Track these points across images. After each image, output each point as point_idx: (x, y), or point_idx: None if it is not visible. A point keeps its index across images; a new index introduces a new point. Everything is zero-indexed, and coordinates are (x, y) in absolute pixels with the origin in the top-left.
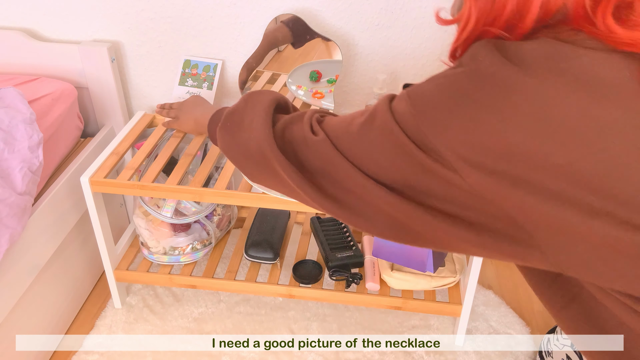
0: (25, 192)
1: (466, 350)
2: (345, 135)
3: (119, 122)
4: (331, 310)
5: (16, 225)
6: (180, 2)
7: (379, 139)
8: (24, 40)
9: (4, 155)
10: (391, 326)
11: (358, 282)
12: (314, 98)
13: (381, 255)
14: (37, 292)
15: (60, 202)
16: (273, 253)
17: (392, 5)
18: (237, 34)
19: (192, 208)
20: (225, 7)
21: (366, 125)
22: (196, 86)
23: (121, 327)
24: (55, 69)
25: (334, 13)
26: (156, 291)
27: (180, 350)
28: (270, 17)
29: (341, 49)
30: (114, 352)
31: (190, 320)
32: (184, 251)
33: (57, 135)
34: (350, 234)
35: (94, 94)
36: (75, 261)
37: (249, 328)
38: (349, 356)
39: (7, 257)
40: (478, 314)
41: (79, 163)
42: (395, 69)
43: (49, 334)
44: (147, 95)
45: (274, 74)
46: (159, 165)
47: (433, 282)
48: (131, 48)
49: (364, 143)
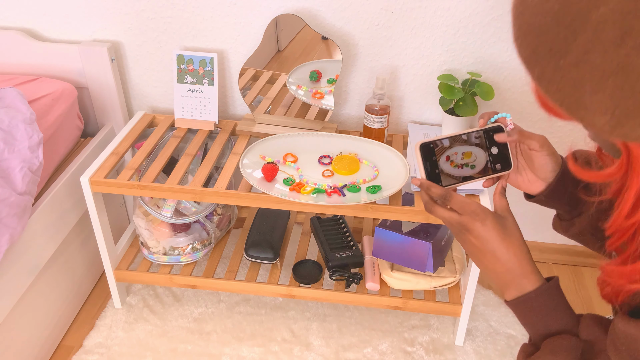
0: (25, 192)
1: (466, 350)
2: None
3: (119, 122)
4: (331, 310)
5: (16, 225)
6: (180, 2)
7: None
8: (24, 40)
9: (4, 155)
10: (391, 326)
11: (358, 282)
12: (314, 98)
13: (381, 255)
14: (37, 292)
15: (60, 202)
16: (273, 253)
17: (392, 5)
18: (237, 34)
19: (192, 208)
20: (225, 7)
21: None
22: (196, 83)
23: (121, 327)
24: (55, 69)
25: (334, 13)
26: (156, 291)
27: (180, 350)
28: (270, 17)
29: (341, 49)
30: (114, 352)
31: (190, 320)
32: (184, 251)
33: (57, 135)
34: (350, 234)
35: (94, 94)
36: (75, 261)
37: (249, 328)
38: (349, 356)
39: (7, 257)
40: (478, 314)
41: (79, 163)
42: (395, 69)
43: (49, 334)
44: (147, 95)
45: (274, 73)
46: (159, 165)
47: (433, 282)
48: (131, 48)
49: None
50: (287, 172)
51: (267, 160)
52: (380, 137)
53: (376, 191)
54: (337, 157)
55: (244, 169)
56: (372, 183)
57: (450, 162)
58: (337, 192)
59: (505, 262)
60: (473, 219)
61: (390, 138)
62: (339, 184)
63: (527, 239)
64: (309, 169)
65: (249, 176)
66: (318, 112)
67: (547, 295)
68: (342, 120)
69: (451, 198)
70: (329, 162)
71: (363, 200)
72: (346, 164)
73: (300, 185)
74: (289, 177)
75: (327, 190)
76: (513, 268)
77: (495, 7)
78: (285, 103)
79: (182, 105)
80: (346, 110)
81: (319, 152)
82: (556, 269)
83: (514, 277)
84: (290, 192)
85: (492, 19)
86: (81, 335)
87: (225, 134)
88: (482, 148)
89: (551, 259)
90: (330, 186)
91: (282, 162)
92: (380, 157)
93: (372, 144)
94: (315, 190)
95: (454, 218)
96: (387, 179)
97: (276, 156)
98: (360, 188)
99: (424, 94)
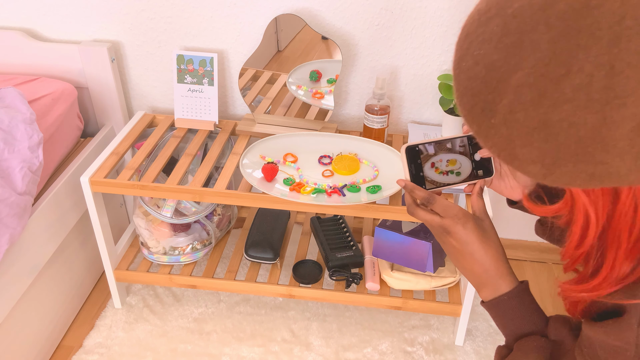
0: (25, 192)
1: (466, 350)
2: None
3: (119, 122)
4: (331, 310)
5: (16, 225)
6: (180, 2)
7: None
8: (24, 40)
9: (4, 155)
10: (391, 326)
11: (358, 282)
12: (314, 98)
13: (381, 255)
14: (37, 292)
15: (60, 202)
16: (273, 253)
17: (392, 5)
18: (237, 34)
19: (192, 208)
20: (225, 7)
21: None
22: (196, 83)
23: (121, 327)
24: (55, 69)
25: (334, 13)
26: (156, 291)
27: (180, 350)
28: (270, 17)
29: (341, 49)
30: (114, 352)
31: (190, 320)
32: (184, 251)
33: (57, 135)
34: (350, 234)
35: (94, 94)
36: (75, 261)
37: (249, 328)
38: (349, 356)
39: (7, 257)
40: (478, 314)
41: (79, 163)
42: (395, 69)
43: (49, 334)
44: (147, 95)
45: (274, 73)
46: (159, 165)
47: (433, 282)
48: (131, 48)
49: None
50: (287, 172)
51: (267, 160)
52: (380, 137)
53: (376, 191)
54: (337, 157)
55: (244, 169)
56: (372, 183)
57: (435, 168)
58: (337, 192)
59: (483, 263)
60: (455, 222)
61: (390, 138)
62: (339, 184)
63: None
64: (309, 169)
65: (249, 176)
66: (318, 112)
67: (518, 298)
68: (342, 120)
69: (434, 201)
70: (329, 162)
71: (363, 200)
72: (346, 164)
73: (300, 185)
74: (289, 177)
75: (327, 190)
76: (490, 269)
77: None
78: (285, 103)
79: (182, 105)
80: (346, 110)
81: (319, 152)
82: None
83: (490, 277)
84: (290, 192)
85: None
86: (81, 335)
87: (225, 134)
88: (466, 155)
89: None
90: (330, 186)
91: (282, 162)
92: (380, 157)
93: (372, 144)
94: (315, 190)
95: (435, 221)
96: (387, 179)
97: (276, 156)
98: (360, 188)
99: (424, 94)
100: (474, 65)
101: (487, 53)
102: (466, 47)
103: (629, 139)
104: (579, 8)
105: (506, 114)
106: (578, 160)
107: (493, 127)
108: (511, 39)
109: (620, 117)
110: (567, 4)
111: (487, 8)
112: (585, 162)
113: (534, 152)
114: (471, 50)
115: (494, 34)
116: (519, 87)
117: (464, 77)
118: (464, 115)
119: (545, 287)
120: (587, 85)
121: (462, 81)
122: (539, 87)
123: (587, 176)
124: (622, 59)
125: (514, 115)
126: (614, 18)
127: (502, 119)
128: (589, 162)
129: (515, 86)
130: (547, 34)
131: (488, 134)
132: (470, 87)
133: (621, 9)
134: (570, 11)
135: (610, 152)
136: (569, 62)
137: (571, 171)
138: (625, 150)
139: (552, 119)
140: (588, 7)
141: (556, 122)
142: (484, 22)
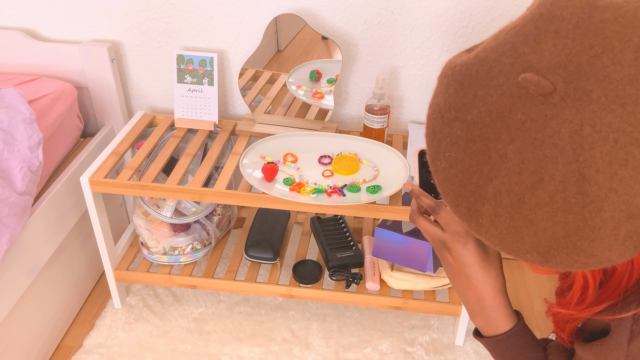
0: (25, 192)
1: (466, 350)
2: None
3: (118, 122)
4: (331, 310)
5: (16, 225)
6: (180, 2)
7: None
8: (23, 40)
9: (4, 155)
10: (391, 326)
11: (358, 282)
12: (314, 98)
13: (381, 255)
14: (37, 292)
15: (60, 202)
16: (273, 253)
17: (392, 5)
18: (237, 34)
19: (192, 208)
20: (225, 7)
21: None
22: (196, 83)
23: (121, 327)
24: (55, 69)
25: (334, 13)
26: (156, 291)
27: (180, 350)
28: (270, 17)
29: (341, 48)
30: (114, 352)
31: (190, 320)
32: (183, 251)
33: (57, 135)
34: (350, 234)
35: (93, 94)
36: (75, 261)
37: (249, 328)
38: (349, 356)
39: (7, 257)
40: None
41: (79, 163)
42: (395, 69)
43: (48, 334)
44: (147, 95)
45: (274, 73)
46: (159, 165)
47: (433, 282)
48: (131, 48)
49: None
50: (287, 172)
51: (267, 160)
52: (380, 137)
53: (376, 191)
54: (337, 157)
55: (244, 169)
56: (372, 183)
57: None
58: (337, 192)
59: (479, 290)
60: (455, 240)
61: (390, 138)
62: (339, 184)
63: None
64: (309, 169)
65: (249, 176)
66: (318, 112)
67: (519, 336)
68: (342, 120)
69: (440, 211)
70: (329, 162)
71: (363, 200)
72: (346, 164)
73: (300, 185)
74: (289, 177)
75: (327, 190)
76: (485, 299)
77: (495, 7)
78: (285, 103)
79: (182, 105)
80: (346, 110)
81: (319, 152)
82: None
83: (484, 309)
84: (290, 192)
85: (492, 19)
86: (81, 335)
87: (225, 134)
88: None
89: None
90: (330, 186)
91: (282, 162)
92: (380, 157)
93: (372, 144)
94: (315, 190)
95: (436, 233)
96: (387, 179)
97: (276, 156)
98: (360, 188)
99: (424, 94)
100: (449, 168)
101: (459, 157)
102: (436, 145)
103: (613, 235)
104: (536, 118)
105: (491, 216)
106: (570, 252)
107: (482, 226)
108: (478, 146)
109: (600, 220)
110: (524, 114)
111: (446, 107)
112: (576, 254)
113: (527, 245)
114: (442, 150)
115: (460, 139)
116: (497, 194)
117: (442, 177)
118: (452, 211)
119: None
120: (562, 190)
121: (441, 180)
122: (516, 193)
123: (582, 265)
124: (589, 166)
125: (499, 218)
126: (573, 127)
127: (488, 220)
128: (580, 254)
129: (494, 193)
130: (511, 145)
131: (480, 232)
132: (451, 189)
133: (577, 118)
134: (528, 122)
135: (597, 246)
136: (539, 171)
137: (566, 260)
138: (611, 245)
139: (536, 219)
140: (545, 118)
141: (541, 221)
142: (447, 123)
